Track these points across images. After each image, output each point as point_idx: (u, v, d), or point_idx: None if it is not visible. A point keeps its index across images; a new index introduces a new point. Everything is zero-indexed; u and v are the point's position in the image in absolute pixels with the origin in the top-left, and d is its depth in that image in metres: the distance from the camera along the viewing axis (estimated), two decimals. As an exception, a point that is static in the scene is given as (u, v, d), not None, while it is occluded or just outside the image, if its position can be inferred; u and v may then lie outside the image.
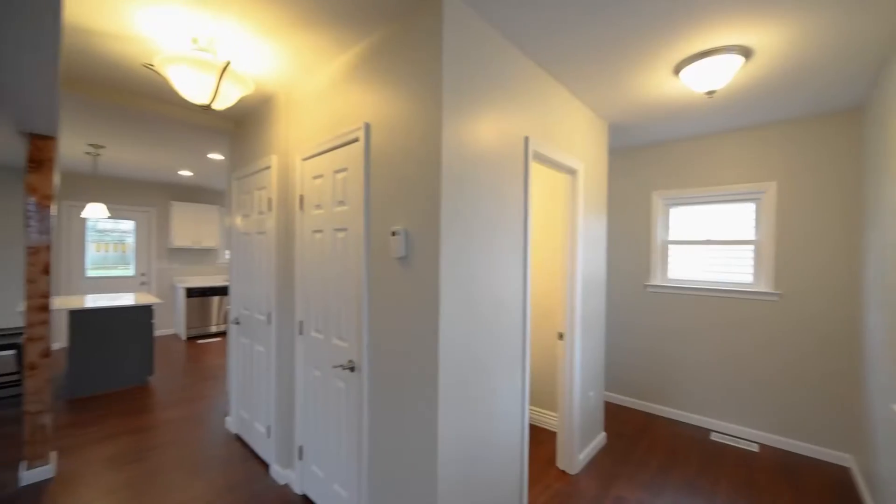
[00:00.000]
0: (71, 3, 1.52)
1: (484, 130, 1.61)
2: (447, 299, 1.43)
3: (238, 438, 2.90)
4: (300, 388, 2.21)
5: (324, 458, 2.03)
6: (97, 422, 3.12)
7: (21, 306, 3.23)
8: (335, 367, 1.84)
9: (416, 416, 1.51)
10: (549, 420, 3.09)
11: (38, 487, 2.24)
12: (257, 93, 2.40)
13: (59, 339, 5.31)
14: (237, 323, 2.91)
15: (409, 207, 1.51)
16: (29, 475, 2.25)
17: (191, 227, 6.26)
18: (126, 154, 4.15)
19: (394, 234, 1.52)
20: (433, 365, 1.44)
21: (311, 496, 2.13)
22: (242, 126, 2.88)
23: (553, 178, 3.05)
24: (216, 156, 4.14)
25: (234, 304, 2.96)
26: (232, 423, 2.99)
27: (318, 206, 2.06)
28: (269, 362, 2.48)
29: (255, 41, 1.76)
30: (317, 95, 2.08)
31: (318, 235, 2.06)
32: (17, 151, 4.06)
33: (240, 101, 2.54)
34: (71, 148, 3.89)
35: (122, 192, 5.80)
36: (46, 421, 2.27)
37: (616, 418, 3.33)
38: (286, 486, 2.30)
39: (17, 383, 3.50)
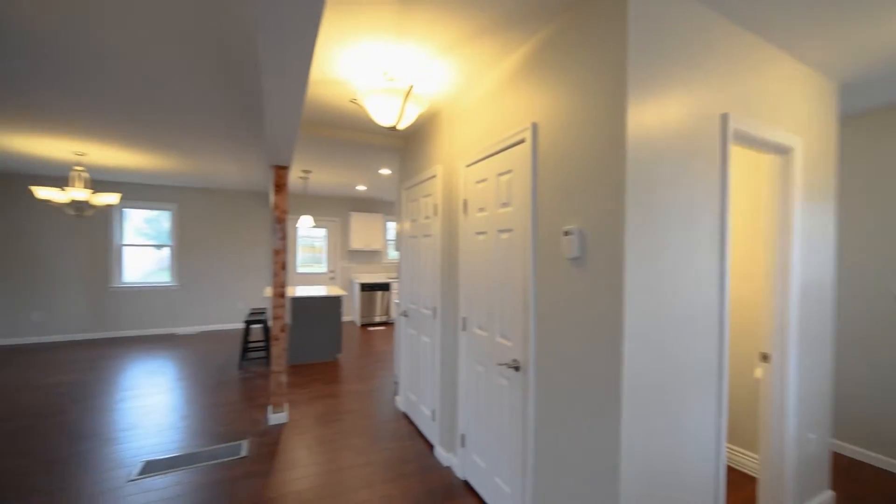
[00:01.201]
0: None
1: (673, 114, 1.42)
2: (632, 304, 1.31)
3: (405, 416, 3.29)
4: (463, 379, 2.36)
5: (485, 450, 2.12)
6: (308, 385, 3.99)
7: (266, 292, 4.38)
8: (499, 364, 1.90)
9: (591, 431, 1.43)
10: (742, 460, 2.53)
11: (279, 427, 3.00)
12: (425, 109, 2.68)
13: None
14: (405, 315, 3.31)
15: (584, 205, 1.45)
16: (273, 417, 3.05)
17: (364, 232, 7.46)
18: (324, 176, 5.21)
19: (566, 233, 1.48)
20: (614, 377, 1.34)
21: (473, 484, 2.26)
22: (410, 142, 3.27)
23: (750, 160, 2.49)
24: (385, 171, 4.81)
25: (403, 299, 3.38)
26: (400, 403, 3.41)
27: (481, 209, 2.17)
28: (433, 353, 2.74)
29: (429, 61, 1.97)
30: (478, 103, 2.20)
31: (481, 237, 2.17)
32: (262, 180, 5.57)
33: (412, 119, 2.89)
34: (292, 174, 5.09)
35: (318, 206, 7.32)
36: (283, 379, 3.03)
37: (849, 476, 2.50)
38: (449, 468, 2.49)
39: (265, 349, 4.76)
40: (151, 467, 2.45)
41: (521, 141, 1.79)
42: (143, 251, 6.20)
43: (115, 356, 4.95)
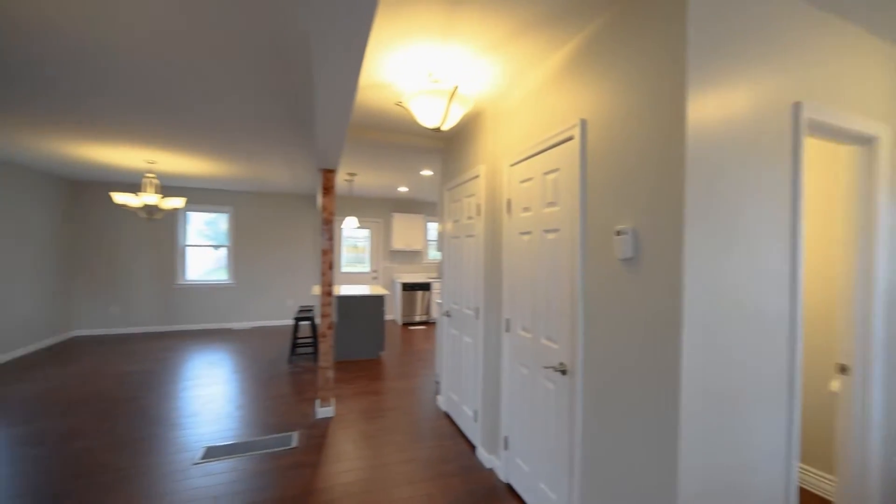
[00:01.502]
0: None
1: (737, 104, 1.32)
2: (691, 308, 1.24)
3: (447, 416, 3.31)
4: (506, 381, 2.34)
5: (529, 454, 2.09)
6: (353, 381, 4.12)
7: (314, 291, 4.58)
8: (545, 367, 1.86)
9: (645, 443, 1.36)
10: (817, 482, 2.31)
11: (326, 421, 3.13)
12: (469, 110, 2.68)
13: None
14: (448, 315, 3.33)
15: (638, 204, 1.38)
16: (321, 411, 3.18)
17: (405, 233, 7.60)
18: (368, 178, 5.37)
19: (618, 233, 1.42)
20: (671, 385, 1.27)
21: (516, 487, 2.22)
22: (452, 143, 3.28)
23: (826, 152, 2.27)
24: (427, 172, 4.87)
25: (445, 299, 3.40)
26: (442, 402, 3.43)
27: (525, 209, 2.14)
28: (476, 353, 2.73)
29: (474, 60, 1.97)
30: (522, 102, 2.17)
31: (525, 237, 2.14)
32: (310, 184, 5.85)
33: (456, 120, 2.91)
34: (338, 177, 5.29)
35: (362, 207, 7.55)
36: (330, 375, 3.16)
37: (951, 506, 2.20)
38: (491, 470, 2.48)
39: (312, 344, 4.98)
40: (212, 453, 2.64)
41: (569, 138, 1.74)
42: (204, 251, 6.71)
43: (179, 348, 5.39)
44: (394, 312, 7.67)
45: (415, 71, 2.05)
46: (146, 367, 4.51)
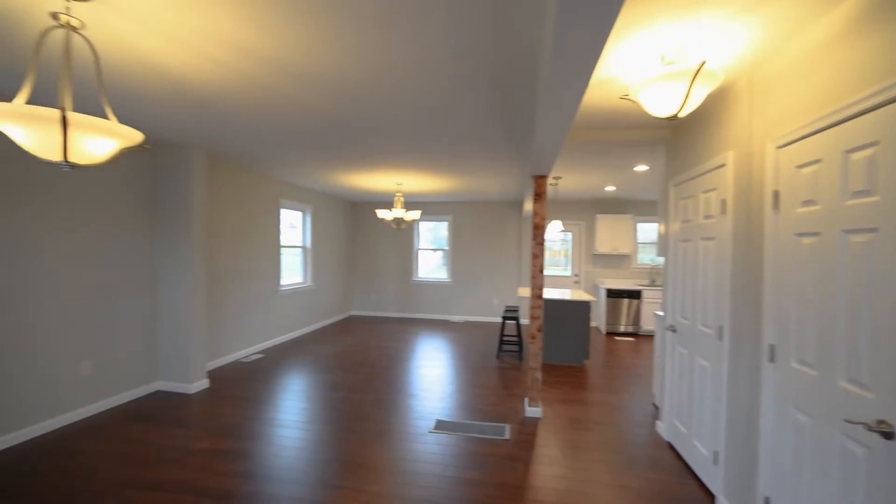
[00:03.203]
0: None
1: None
2: None
3: (670, 446, 2.84)
4: (768, 426, 1.80)
5: (816, 535, 1.53)
6: (558, 386, 4.09)
7: (519, 292, 4.81)
8: (848, 422, 1.33)
9: None
10: None
11: (535, 421, 3.22)
12: (715, 87, 2.22)
13: (528, 317, 7.53)
14: (673, 330, 2.85)
15: None
16: (529, 410, 3.29)
17: (610, 235, 7.00)
18: (572, 180, 5.23)
19: None
20: None
21: (789, 571, 1.68)
22: (681, 131, 2.80)
23: None
24: (642, 167, 4.34)
25: (669, 311, 2.93)
26: (664, 430, 2.96)
27: (807, 202, 1.60)
28: (716, 382, 2.23)
29: (724, 26, 1.61)
30: (801, 62, 1.63)
31: (807, 240, 1.60)
32: (516, 191, 6.19)
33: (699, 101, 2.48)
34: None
35: (564, 210, 7.43)
36: (538, 377, 3.23)
37: None
38: (743, 534, 1.96)
39: (517, 343, 5.24)
40: (441, 426, 3.11)
41: (902, 96, 1.19)
42: (429, 254, 8.09)
43: (413, 332, 6.64)
44: (597, 320, 7.17)
45: (644, 57, 1.85)
46: (393, 344, 5.77)
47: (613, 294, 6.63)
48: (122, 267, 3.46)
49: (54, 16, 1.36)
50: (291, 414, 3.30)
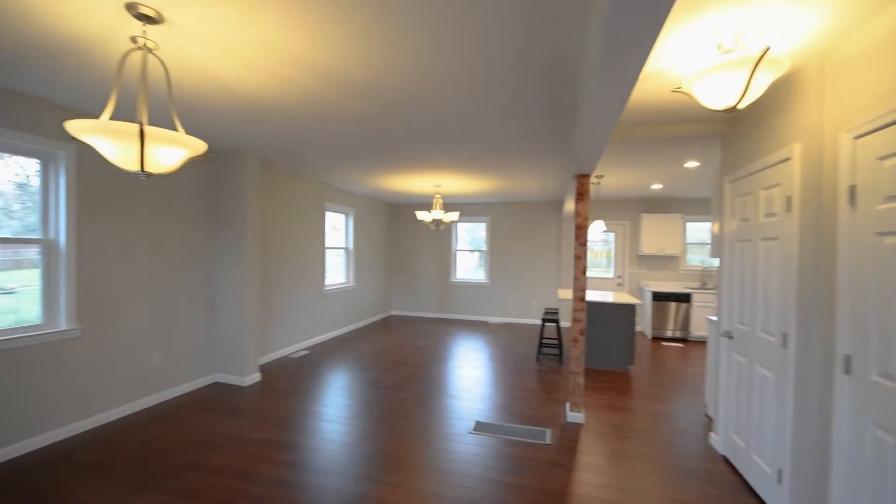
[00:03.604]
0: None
1: None
2: None
3: (725, 461, 2.65)
4: (842, 444, 1.64)
5: (904, 568, 1.37)
6: (601, 391, 3.95)
7: (559, 294, 4.70)
8: (945, 442, 1.18)
9: None
10: None
11: (577, 427, 3.13)
12: (780, 74, 2.07)
13: (569, 320, 7.33)
14: (729, 336, 2.67)
15: None
16: (571, 415, 3.21)
17: (657, 235, 6.66)
18: (616, 178, 5.04)
19: None
20: None
21: None
22: (738, 123, 2.62)
23: None
24: (692, 163, 4.09)
25: (725, 316, 2.74)
26: (718, 443, 2.78)
27: (891, 198, 1.44)
28: (780, 394, 2.06)
29: (790, 9, 1.50)
30: (883, 43, 1.47)
31: (890, 240, 1.44)
32: (556, 190, 6.06)
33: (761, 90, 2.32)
34: (580, 180, 5.23)
35: (607, 210, 7.17)
36: (581, 381, 3.14)
37: None
38: (814, 561, 1.79)
39: (557, 346, 5.12)
40: (481, 427, 3.11)
41: None
42: (467, 255, 8.09)
43: (451, 332, 6.67)
44: (642, 324, 6.85)
45: (699, 48, 1.76)
46: (432, 344, 5.83)
47: (660, 297, 6.30)
48: (186, 267, 3.76)
49: (134, 39, 1.52)
50: (336, 409, 3.43)
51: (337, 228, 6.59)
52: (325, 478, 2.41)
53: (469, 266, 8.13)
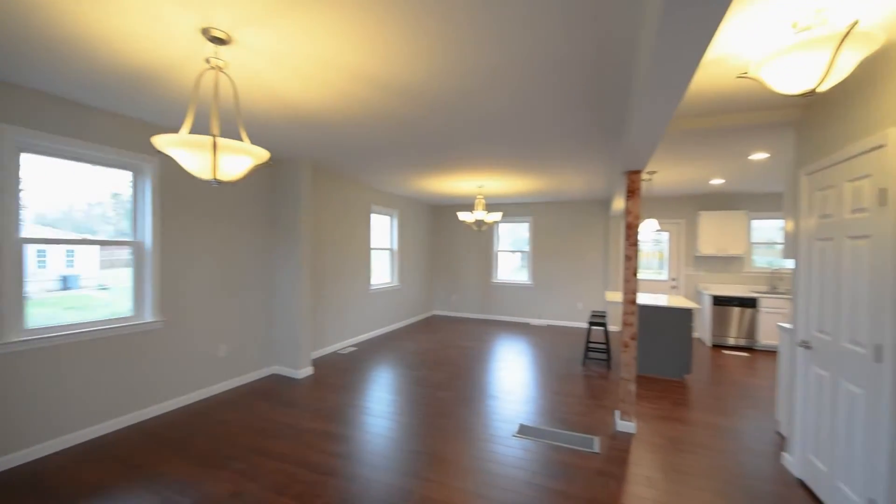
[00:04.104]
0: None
1: None
2: None
3: (802, 485, 2.40)
4: (957, 474, 1.42)
5: None
6: (654, 400, 3.72)
7: (607, 296, 4.50)
8: None
9: None
10: None
11: (628, 436, 2.97)
12: (871, 51, 1.84)
13: (617, 324, 7.00)
14: (807, 347, 2.41)
15: None
16: (621, 424, 3.05)
17: (717, 234, 6.18)
18: (670, 174, 4.74)
19: None
20: None
21: None
22: (816, 109, 2.36)
23: None
24: (760, 155, 3.75)
25: (802, 324, 2.48)
26: (793, 464, 2.51)
27: None
28: (872, 414, 1.83)
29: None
30: None
31: None
32: (602, 189, 5.82)
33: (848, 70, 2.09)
34: (631, 177, 4.98)
35: (659, 208, 6.76)
36: (632, 389, 2.98)
37: None
38: None
39: (605, 351, 4.91)
40: (525, 430, 3.05)
41: None
42: (509, 256, 7.99)
43: (493, 333, 6.62)
44: (700, 330, 6.37)
45: (770, 27, 1.61)
46: (474, 345, 5.82)
47: (721, 301, 5.83)
48: (248, 267, 4.05)
49: (207, 60, 1.66)
50: (382, 405, 3.53)
51: (382, 230, 6.78)
52: (372, 470, 2.48)
53: (511, 267, 8.02)
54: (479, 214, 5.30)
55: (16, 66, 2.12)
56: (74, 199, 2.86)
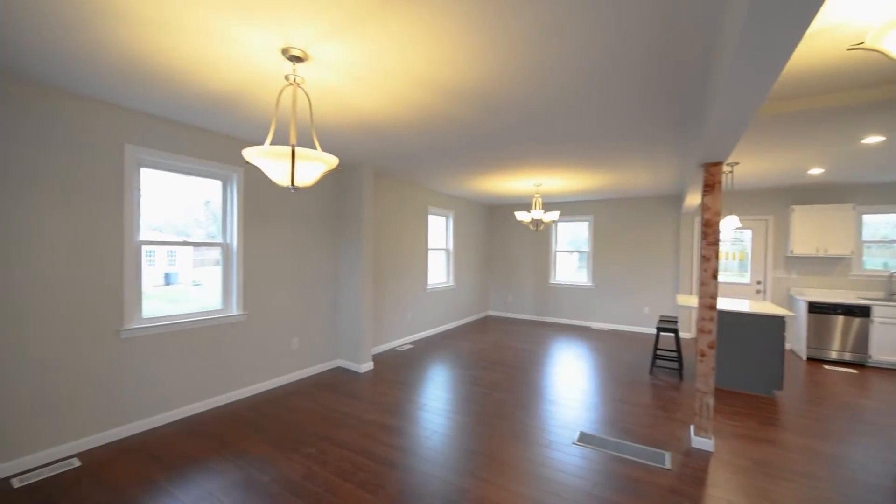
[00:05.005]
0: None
1: None
2: None
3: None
4: None
5: None
6: (735, 417, 3.36)
7: (679, 300, 4.15)
8: None
9: None
10: None
11: (705, 455, 2.72)
12: None
13: (690, 330, 6.43)
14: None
15: None
16: (696, 440, 2.80)
17: (814, 232, 5.41)
18: (755, 165, 4.25)
19: None
20: None
21: None
22: (953, 80, 1.97)
23: None
24: (874, 139, 3.22)
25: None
26: (920, 504, 2.12)
27: None
28: None
29: None
30: None
31: None
32: (672, 184, 5.38)
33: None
34: (707, 170, 4.54)
35: (741, 203, 6.09)
36: (710, 401, 2.72)
37: None
38: None
39: (676, 359, 4.53)
40: (585, 438, 2.92)
41: None
42: (568, 256, 7.70)
43: (550, 336, 6.42)
44: (793, 341, 5.63)
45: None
46: (530, 347, 5.69)
47: (820, 308, 5.10)
48: (316, 266, 4.35)
49: (287, 77, 1.82)
50: (439, 402, 3.59)
51: (438, 230, 6.89)
52: (430, 466, 2.53)
53: (569, 268, 7.72)
54: (537, 214, 5.17)
55: (133, 92, 2.48)
56: (174, 206, 3.28)
